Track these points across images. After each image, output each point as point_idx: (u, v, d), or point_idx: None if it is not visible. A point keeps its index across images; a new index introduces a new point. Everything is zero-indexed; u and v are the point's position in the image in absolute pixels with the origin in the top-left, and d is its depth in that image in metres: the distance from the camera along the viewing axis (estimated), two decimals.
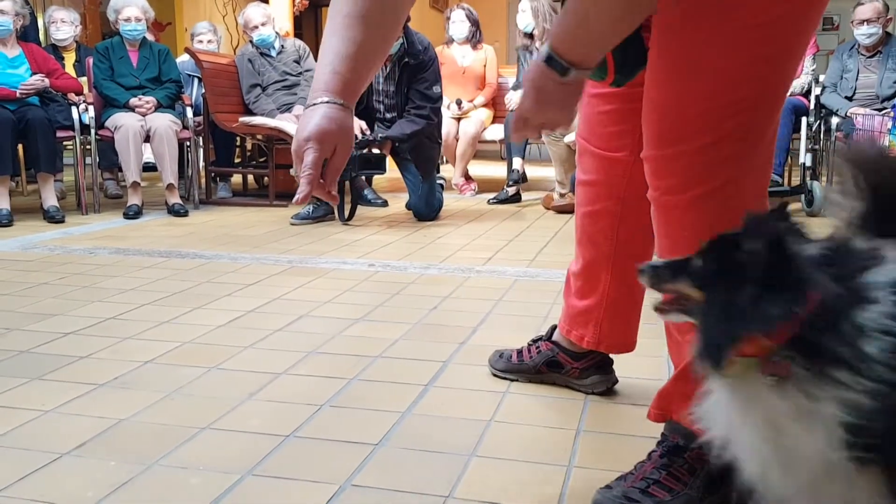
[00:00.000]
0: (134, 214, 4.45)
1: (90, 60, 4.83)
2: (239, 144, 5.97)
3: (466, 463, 1.37)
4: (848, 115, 4.56)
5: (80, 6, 7.88)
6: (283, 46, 5.29)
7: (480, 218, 4.47)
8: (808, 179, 4.56)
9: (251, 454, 1.40)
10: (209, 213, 4.79)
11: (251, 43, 5.25)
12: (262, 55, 5.20)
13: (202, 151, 5.37)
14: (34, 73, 4.48)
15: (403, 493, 1.26)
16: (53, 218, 4.24)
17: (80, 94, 4.75)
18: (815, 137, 4.81)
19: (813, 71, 4.86)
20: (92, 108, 4.66)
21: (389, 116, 4.43)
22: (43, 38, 6.03)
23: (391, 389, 1.70)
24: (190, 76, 5.53)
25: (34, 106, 4.39)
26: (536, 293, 2.62)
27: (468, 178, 5.69)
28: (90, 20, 8.34)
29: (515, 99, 5.24)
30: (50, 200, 4.33)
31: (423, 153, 4.45)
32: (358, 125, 4.19)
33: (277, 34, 5.34)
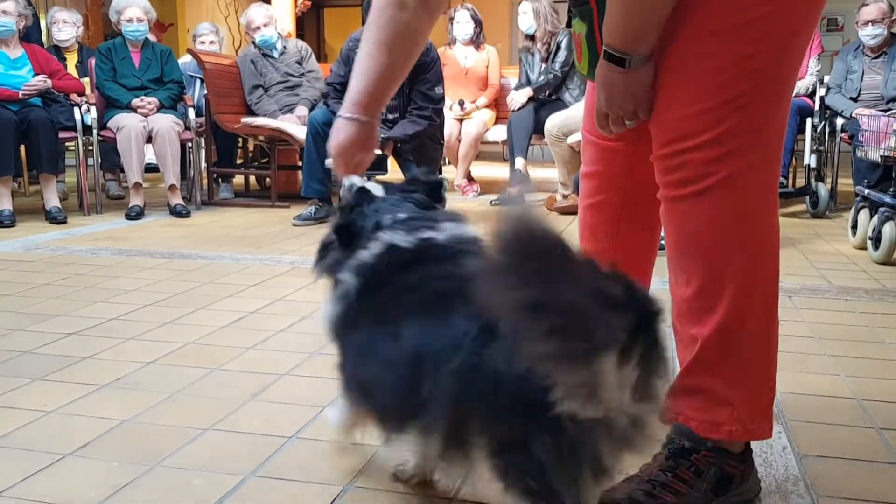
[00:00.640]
0: (136, 215, 4.44)
1: (92, 61, 4.83)
2: (241, 145, 5.97)
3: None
4: (853, 116, 4.54)
5: (82, 7, 7.88)
6: (285, 47, 5.29)
7: (483, 219, 4.45)
8: (812, 181, 4.55)
9: (254, 455, 1.40)
10: (211, 213, 4.79)
11: (253, 44, 5.25)
12: (264, 56, 5.20)
13: (204, 152, 5.37)
14: (37, 73, 4.47)
15: (407, 494, 1.26)
16: (55, 219, 4.23)
17: (82, 94, 4.75)
18: (819, 139, 4.79)
19: (818, 72, 4.85)
20: (94, 108, 4.66)
21: (392, 117, 4.42)
22: (45, 38, 6.03)
23: None
24: (192, 77, 5.53)
25: (36, 107, 4.39)
26: None
27: (470, 179, 5.68)
28: (92, 21, 8.35)
29: (518, 99, 5.24)
30: (52, 201, 4.32)
31: (425, 154, 4.44)
32: None
33: (280, 35, 5.33)
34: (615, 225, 1.49)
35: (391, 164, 4.44)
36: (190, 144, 4.99)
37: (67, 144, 4.95)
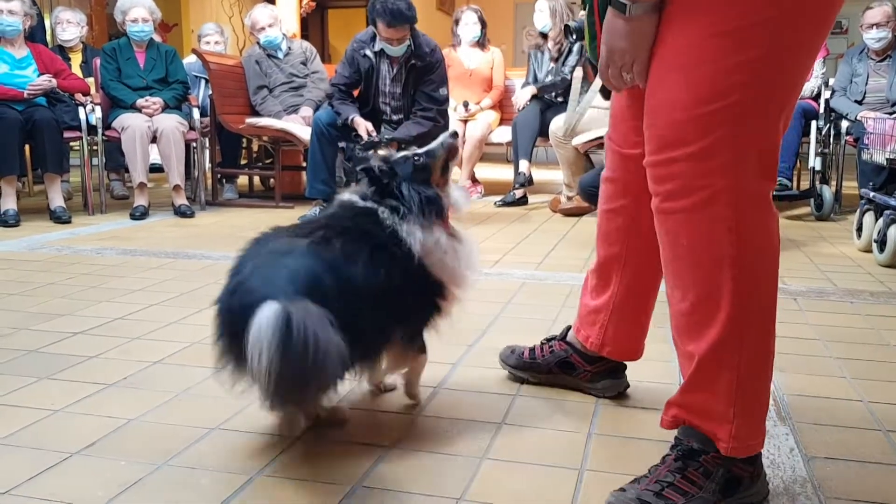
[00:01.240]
0: (140, 215, 4.45)
1: (97, 61, 4.84)
2: (245, 146, 5.97)
3: (478, 466, 1.36)
4: (858, 118, 4.53)
5: (86, 7, 7.89)
6: (289, 48, 5.30)
7: (487, 220, 4.46)
8: (817, 183, 4.55)
9: (261, 455, 1.40)
10: (215, 214, 4.79)
11: (258, 44, 5.26)
12: (268, 56, 5.20)
13: (208, 152, 5.38)
14: (42, 73, 4.48)
15: (414, 494, 1.26)
16: (60, 218, 4.24)
17: (87, 94, 4.75)
18: (824, 141, 4.78)
19: (823, 74, 4.84)
20: (99, 108, 4.66)
21: (396, 118, 4.42)
22: (49, 38, 6.04)
23: (401, 391, 1.69)
24: (197, 77, 5.54)
25: (41, 106, 4.40)
26: (544, 296, 2.61)
27: (475, 180, 5.69)
28: (96, 21, 8.35)
29: (522, 99, 5.23)
30: (57, 201, 4.33)
31: None
32: (364, 126, 4.19)
33: (284, 36, 5.35)
34: (628, 233, 1.49)
35: None
36: (194, 145, 4.99)
37: (72, 144, 4.95)
